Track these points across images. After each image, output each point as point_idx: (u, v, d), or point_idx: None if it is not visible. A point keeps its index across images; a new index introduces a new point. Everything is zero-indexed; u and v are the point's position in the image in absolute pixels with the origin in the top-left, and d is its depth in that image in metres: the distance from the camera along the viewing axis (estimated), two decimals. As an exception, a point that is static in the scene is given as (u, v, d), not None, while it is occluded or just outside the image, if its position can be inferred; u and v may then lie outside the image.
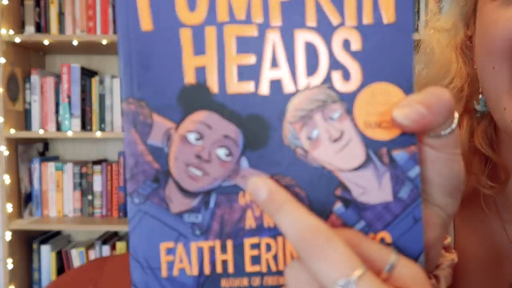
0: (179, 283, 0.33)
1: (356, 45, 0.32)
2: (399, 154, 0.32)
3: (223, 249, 0.33)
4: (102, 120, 2.00)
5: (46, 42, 1.91)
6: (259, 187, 0.30)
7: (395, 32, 0.32)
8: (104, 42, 1.90)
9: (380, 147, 0.32)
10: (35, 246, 2.02)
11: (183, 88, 0.32)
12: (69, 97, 1.98)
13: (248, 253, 0.33)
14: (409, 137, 0.32)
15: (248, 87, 0.32)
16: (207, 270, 0.33)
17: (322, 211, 0.32)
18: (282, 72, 0.32)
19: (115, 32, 1.94)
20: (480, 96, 0.56)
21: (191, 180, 0.32)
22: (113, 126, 1.99)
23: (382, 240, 0.33)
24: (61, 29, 1.99)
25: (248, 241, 0.33)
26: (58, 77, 2.01)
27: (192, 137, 0.32)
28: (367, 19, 0.32)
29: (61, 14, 1.99)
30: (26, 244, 2.03)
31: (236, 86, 0.32)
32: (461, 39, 0.58)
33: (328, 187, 0.32)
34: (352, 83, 0.32)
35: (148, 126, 0.32)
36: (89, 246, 2.03)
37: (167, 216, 0.33)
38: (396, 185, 0.32)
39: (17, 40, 1.90)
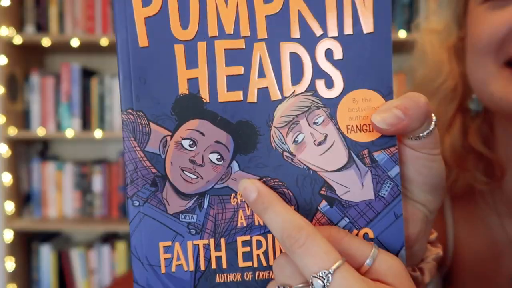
0: (176, 279, 0.35)
1: (337, 54, 0.34)
2: (380, 155, 0.34)
3: (217, 246, 0.35)
4: (102, 120, 2.00)
5: (46, 42, 1.92)
6: (249, 189, 0.33)
7: (374, 41, 0.34)
8: (104, 42, 1.90)
9: (361, 149, 0.34)
10: (34, 246, 2.01)
11: (177, 98, 0.34)
12: (69, 97, 1.98)
13: (240, 250, 0.35)
14: (389, 139, 0.34)
15: (237, 95, 0.34)
16: (202, 266, 0.35)
17: (309, 209, 0.34)
18: (269, 81, 0.34)
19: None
20: (474, 95, 0.58)
21: (186, 183, 0.35)
22: (113, 126, 1.99)
23: (365, 236, 0.35)
24: (61, 29, 1.99)
25: (240, 239, 0.35)
26: (58, 77, 2.00)
27: (186, 143, 0.34)
28: (348, 29, 0.34)
29: (61, 14, 2.00)
30: (26, 244, 2.03)
31: (227, 95, 0.34)
32: (453, 41, 0.60)
33: (313, 187, 0.34)
34: (334, 90, 0.34)
35: (146, 135, 0.34)
36: (89, 246, 2.03)
37: (165, 217, 0.35)
38: (378, 184, 0.34)
39: (17, 40, 1.90)
